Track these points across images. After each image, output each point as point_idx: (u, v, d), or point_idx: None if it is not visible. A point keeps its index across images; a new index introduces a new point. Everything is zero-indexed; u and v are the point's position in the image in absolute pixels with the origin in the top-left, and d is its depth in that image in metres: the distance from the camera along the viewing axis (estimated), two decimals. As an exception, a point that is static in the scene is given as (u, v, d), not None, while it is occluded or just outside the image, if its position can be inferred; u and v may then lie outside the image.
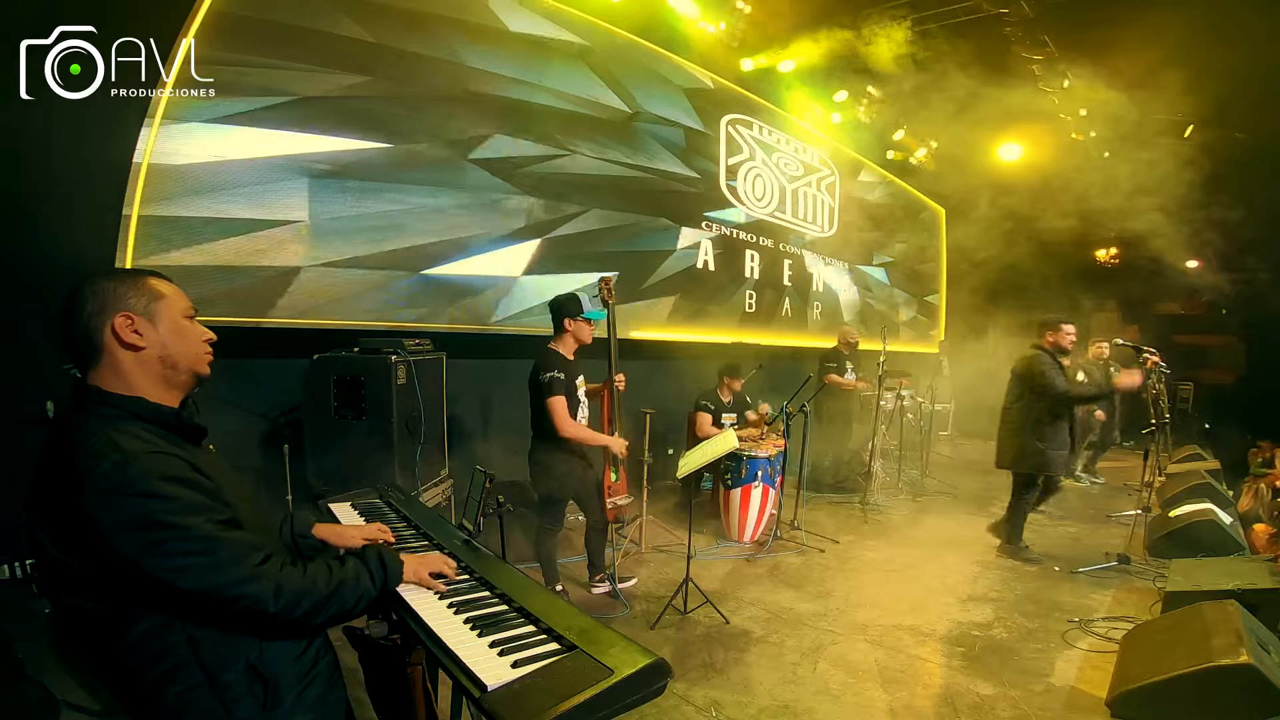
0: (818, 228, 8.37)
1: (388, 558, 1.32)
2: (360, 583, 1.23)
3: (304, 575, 1.14)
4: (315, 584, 1.15)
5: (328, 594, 1.16)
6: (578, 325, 3.32)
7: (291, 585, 1.11)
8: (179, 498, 1.04)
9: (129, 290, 1.15)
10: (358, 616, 1.28)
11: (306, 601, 1.12)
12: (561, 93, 5.16)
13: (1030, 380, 4.19)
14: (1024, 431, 4.21)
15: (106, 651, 1.08)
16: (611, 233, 5.58)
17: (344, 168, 3.91)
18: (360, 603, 1.23)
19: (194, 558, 1.03)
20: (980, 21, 6.25)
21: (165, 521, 1.01)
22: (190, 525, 1.03)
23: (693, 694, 2.70)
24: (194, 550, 1.03)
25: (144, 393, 1.14)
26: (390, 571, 1.31)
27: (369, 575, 1.26)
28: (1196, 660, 2.37)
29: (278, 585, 1.09)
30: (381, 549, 1.35)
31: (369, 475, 2.86)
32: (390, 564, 1.32)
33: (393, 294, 4.20)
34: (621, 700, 1.08)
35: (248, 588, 1.06)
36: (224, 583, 1.04)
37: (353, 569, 1.24)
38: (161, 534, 1.01)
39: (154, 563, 1.01)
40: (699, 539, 4.22)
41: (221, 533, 1.07)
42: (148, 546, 1.00)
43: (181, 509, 1.04)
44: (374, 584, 1.26)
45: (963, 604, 3.69)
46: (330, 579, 1.18)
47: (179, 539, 1.02)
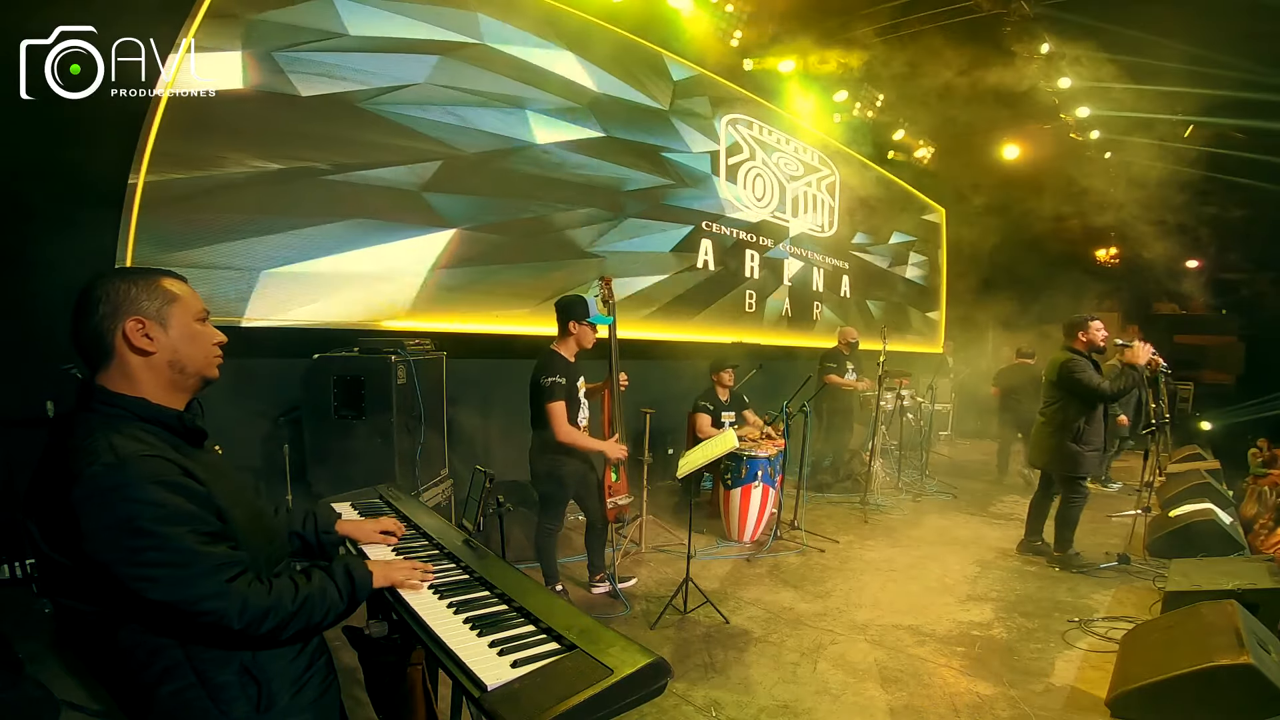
0: (818, 227, 8.37)
1: (355, 569, 1.30)
2: (327, 596, 1.21)
3: (270, 592, 1.13)
4: (280, 600, 1.13)
5: (293, 610, 1.15)
6: (582, 329, 3.32)
7: (257, 603, 1.09)
8: (165, 504, 1.03)
9: (142, 293, 1.14)
10: (328, 629, 1.26)
11: (271, 619, 1.11)
12: (563, 92, 5.16)
13: (1066, 384, 4.09)
14: (1061, 433, 4.14)
15: (101, 651, 1.09)
16: (612, 233, 5.58)
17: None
18: (329, 616, 1.22)
19: (166, 569, 1.02)
20: (980, 21, 6.25)
21: (146, 529, 1.01)
22: (170, 535, 1.02)
23: (693, 694, 2.70)
24: (168, 562, 1.02)
25: (150, 395, 1.14)
26: (358, 583, 1.29)
27: (335, 589, 1.24)
28: (1196, 660, 2.38)
29: (243, 602, 1.07)
30: (350, 561, 1.33)
31: (369, 475, 2.86)
32: (358, 575, 1.30)
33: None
34: (621, 700, 1.08)
35: (213, 603, 1.05)
36: (191, 597, 1.03)
37: (319, 583, 1.22)
38: (140, 541, 1.00)
39: (126, 570, 1.00)
40: (699, 539, 4.22)
41: (199, 546, 1.05)
42: (124, 552, 1.00)
43: (165, 517, 1.03)
44: (341, 597, 1.24)
45: (963, 604, 3.69)
46: (296, 595, 1.16)
47: (156, 548, 1.01)
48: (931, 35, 6.36)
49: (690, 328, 6.36)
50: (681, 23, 5.99)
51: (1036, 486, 4.56)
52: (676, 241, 6.22)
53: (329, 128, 3.87)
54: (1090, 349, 4.19)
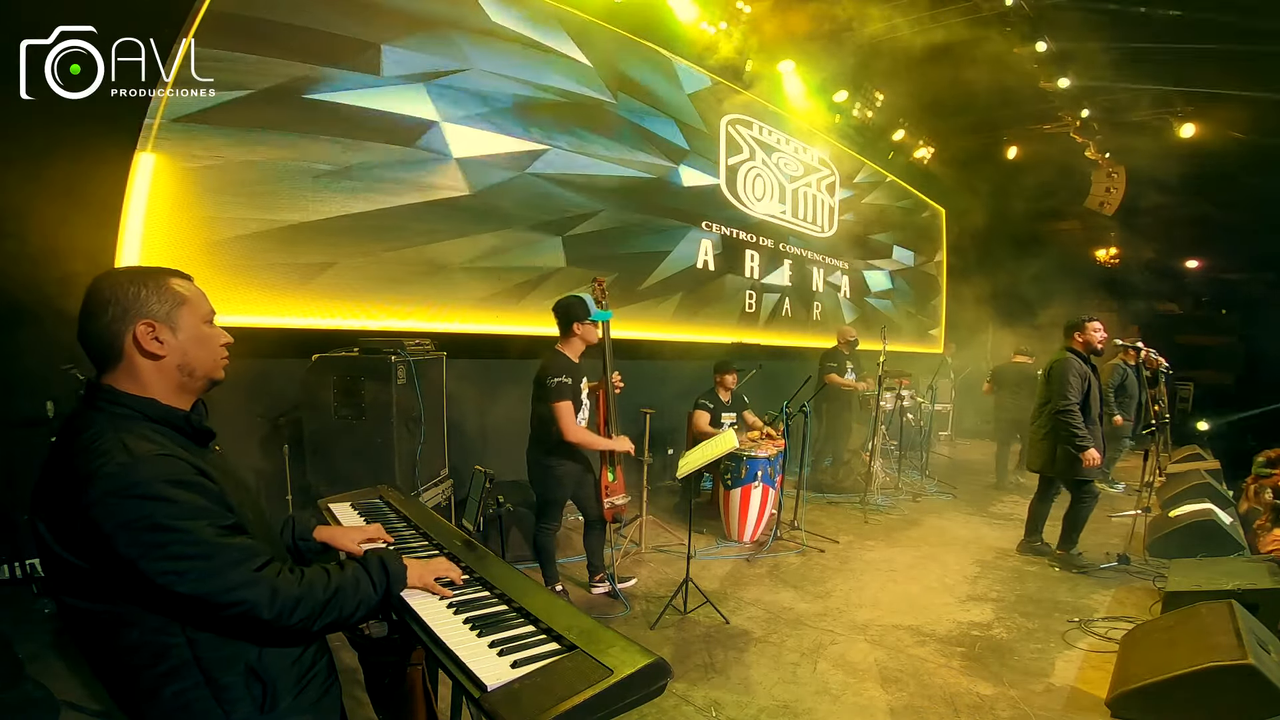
0: (818, 227, 8.37)
1: (390, 563, 1.29)
2: (360, 588, 1.21)
3: (301, 581, 1.12)
4: (312, 589, 1.13)
5: (325, 600, 1.14)
6: (585, 328, 3.33)
7: (288, 591, 1.09)
8: (183, 501, 1.03)
9: (151, 294, 1.13)
10: (359, 623, 1.25)
11: (303, 608, 1.10)
12: (562, 90, 5.16)
13: (1053, 382, 4.14)
14: (1052, 435, 4.15)
15: (106, 650, 1.08)
16: (613, 232, 5.59)
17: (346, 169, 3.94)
18: (360, 609, 1.20)
19: (193, 561, 1.02)
20: (980, 21, 6.25)
21: (167, 525, 1.01)
22: (192, 529, 1.02)
23: (693, 694, 2.70)
24: (194, 554, 1.02)
25: (158, 396, 1.14)
26: (393, 577, 1.27)
27: (370, 581, 1.23)
28: (1196, 660, 2.38)
29: (273, 591, 1.07)
30: (384, 554, 1.31)
31: (369, 475, 2.86)
32: (393, 569, 1.28)
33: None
34: (621, 700, 1.08)
35: (243, 593, 1.05)
36: (221, 588, 1.03)
37: (352, 574, 1.21)
38: (163, 536, 1.00)
39: (153, 565, 1.00)
40: (699, 539, 4.23)
41: (222, 538, 1.06)
42: (148, 549, 1.00)
43: (185, 513, 1.03)
44: (375, 590, 1.23)
45: (963, 604, 3.69)
46: (328, 585, 1.16)
47: (180, 542, 1.01)
48: (933, 35, 6.36)
49: (690, 328, 6.36)
50: (682, 24, 5.99)
51: (1036, 487, 4.56)
52: (677, 242, 6.22)
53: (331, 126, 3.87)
54: (1088, 350, 4.21)
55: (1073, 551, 4.22)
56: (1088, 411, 4.09)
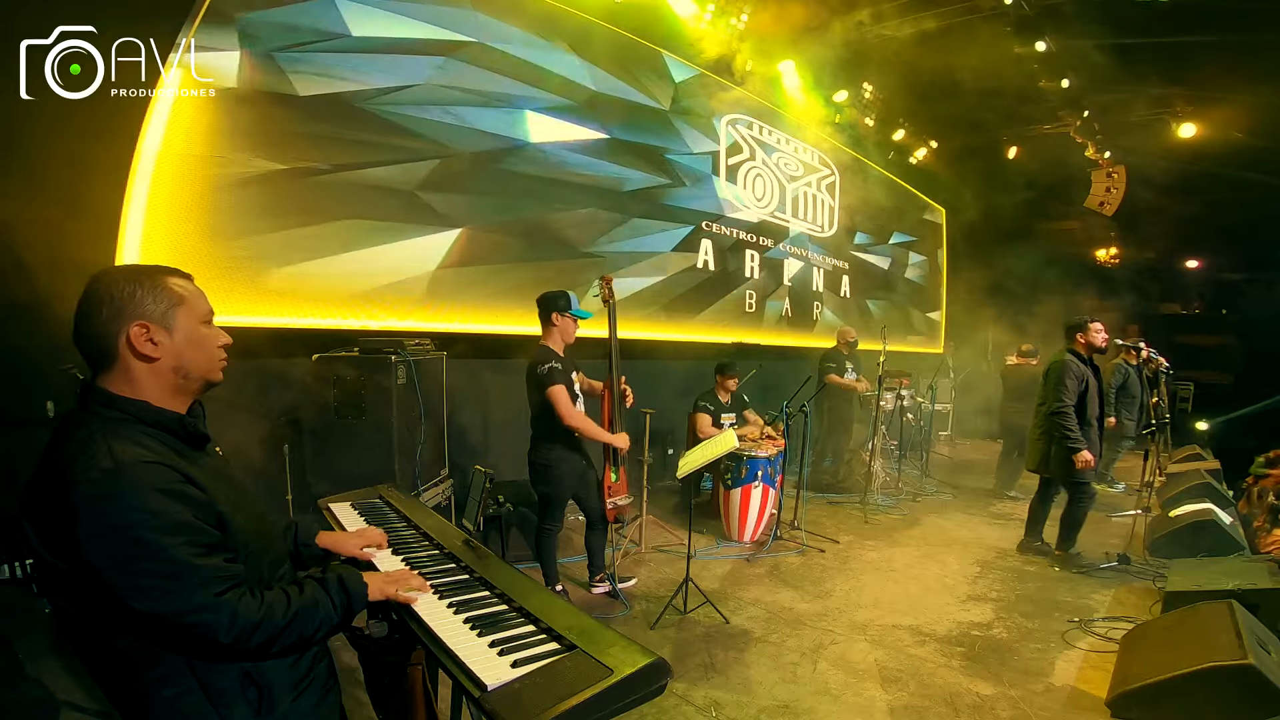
0: (818, 227, 8.37)
1: (349, 582, 1.26)
2: (319, 610, 1.18)
3: (261, 605, 1.10)
4: (271, 614, 1.10)
5: (283, 624, 1.11)
6: (564, 321, 3.30)
7: (247, 617, 1.06)
8: (164, 513, 1.01)
9: (147, 294, 1.10)
10: (322, 642, 1.24)
11: (261, 632, 1.08)
12: (563, 92, 5.16)
13: (1050, 386, 4.16)
14: (1048, 436, 4.16)
15: (100, 653, 1.07)
16: (613, 232, 5.58)
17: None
18: (321, 629, 1.18)
19: (157, 580, 1.00)
20: (980, 21, 6.25)
21: (141, 538, 0.99)
22: (165, 546, 1.00)
23: (693, 694, 2.70)
24: (160, 573, 1.00)
25: (152, 398, 1.12)
26: (354, 595, 1.25)
27: (330, 601, 1.20)
28: (1196, 660, 2.38)
29: (233, 615, 1.05)
30: (344, 572, 1.28)
31: (369, 475, 2.85)
32: (353, 587, 1.26)
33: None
34: (621, 700, 1.08)
35: (202, 615, 1.03)
36: (180, 609, 1.01)
37: (310, 596, 1.18)
38: (134, 550, 0.98)
39: (116, 578, 0.98)
40: (699, 539, 4.23)
41: (194, 558, 1.03)
42: (116, 561, 0.98)
43: (162, 526, 1.01)
44: (335, 609, 1.21)
45: (963, 604, 3.69)
46: (288, 609, 1.13)
47: (150, 558, 0.99)
48: (933, 35, 6.36)
49: (690, 328, 6.36)
50: (681, 23, 5.99)
51: (1036, 488, 4.56)
52: (676, 241, 6.22)
53: (328, 128, 3.87)
54: (1090, 351, 4.21)
55: (1071, 551, 4.23)
56: (1084, 413, 4.10)
